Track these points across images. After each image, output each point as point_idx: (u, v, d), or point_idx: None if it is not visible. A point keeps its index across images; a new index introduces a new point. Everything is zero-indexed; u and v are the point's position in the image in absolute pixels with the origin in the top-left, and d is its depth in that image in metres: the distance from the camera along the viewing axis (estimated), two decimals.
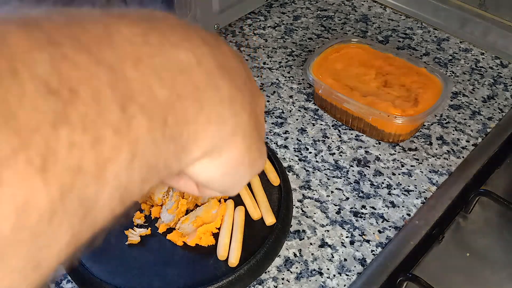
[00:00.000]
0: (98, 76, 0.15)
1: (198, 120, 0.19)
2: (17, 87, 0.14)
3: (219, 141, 0.21)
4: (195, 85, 0.19)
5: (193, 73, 0.19)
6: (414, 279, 0.45)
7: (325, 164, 0.57)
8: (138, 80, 0.17)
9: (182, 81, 0.18)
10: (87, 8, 0.18)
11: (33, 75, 0.14)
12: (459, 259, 0.50)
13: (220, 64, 0.20)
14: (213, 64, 0.20)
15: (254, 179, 0.52)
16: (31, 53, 0.14)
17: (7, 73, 0.13)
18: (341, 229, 0.50)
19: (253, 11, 0.82)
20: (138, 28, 0.18)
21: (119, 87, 0.16)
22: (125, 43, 0.17)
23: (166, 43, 0.18)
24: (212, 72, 0.20)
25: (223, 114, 0.20)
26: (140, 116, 0.16)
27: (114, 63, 0.16)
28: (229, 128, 0.21)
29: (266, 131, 0.61)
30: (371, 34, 0.77)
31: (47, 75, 0.14)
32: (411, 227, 0.50)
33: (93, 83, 0.15)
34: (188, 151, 0.19)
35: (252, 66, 0.71)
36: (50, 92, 0.14)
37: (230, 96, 0.21)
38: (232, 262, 0.45)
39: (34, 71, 0.14)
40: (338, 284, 0.46)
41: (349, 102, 0.57)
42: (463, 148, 0.59)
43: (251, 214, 0.49)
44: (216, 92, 0.20)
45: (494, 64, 0.71)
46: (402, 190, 0.54)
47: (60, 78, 0.14)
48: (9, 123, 0.13)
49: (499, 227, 0.54)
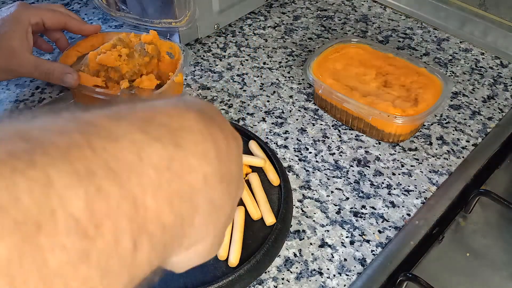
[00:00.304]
0: (122, 209, 0.17)
1: (189, 232, 0.22)
2: (51, 227, 0.15)
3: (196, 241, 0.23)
4: (196, 204, 0.21)
5: (198, 194, 0.21)
6: (414, 279, 0.45)
7: (325, 164, 0.57)
8: (153, 209, 0.19)
9: (186, 206, 0.21)
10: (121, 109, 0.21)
11: (67, 214, 0.15)
12: (459, 259, 0.50)
13: (222, 176, 0.23)
14: (217, 179, 0.22)
15: (254, 179, 0.52)
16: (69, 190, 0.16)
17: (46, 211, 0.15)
18: (341, 229, 0.50)
19: (253, 11, 0.82)
20: (165, 151, 0.20)
21: (137, 219, 0.18)
22: (151, 170, 0.19)
23: (185, 167, 0.20)
24: (213, 187, 0.22)
25: (208, 221, 0.23)
26: (146, 246, 0.18)
27: (138, 194, 0.18)
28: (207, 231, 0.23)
29: (266, 131, 0.61)
30: (371, 34, 0.77)
31: (80, 213, 0.16)
32: (411, 227, 0.50)
33: (116, 217, 0.17)
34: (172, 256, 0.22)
35: (252, 66, 0.71)
36: (78, 230, 0.16)
37: (220, 206, 0.23)
38: (232, 262, 0.45)
39: (69, 209, 0.16)
40: (338, 284, 0.46)
41: (349, 102, 0.57)
42: (463, 148, 0.59)
43: (251, 214, 0.49)
44: (210, 206, 0.22)
45: (494, 64, 0.71)
46: (402, 190, 0.54)
47: (91, 214, 0.16)
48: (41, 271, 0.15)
49: (499, 227, 0.54)
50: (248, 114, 0.63)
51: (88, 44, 0.64)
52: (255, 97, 0.66)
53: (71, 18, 0.62)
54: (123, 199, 0.17)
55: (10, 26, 0.55)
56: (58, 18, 0.61)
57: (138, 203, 0.18)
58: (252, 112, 0.63)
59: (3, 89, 0.67)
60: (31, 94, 0.66)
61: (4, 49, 0.55)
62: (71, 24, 0.62)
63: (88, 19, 0.80)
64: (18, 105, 0.64)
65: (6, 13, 0.56)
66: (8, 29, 0.55)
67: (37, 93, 0.66)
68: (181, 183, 0.20)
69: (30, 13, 0.57)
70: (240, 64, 0.71)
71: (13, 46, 0.55)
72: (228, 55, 0.73)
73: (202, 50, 0.74)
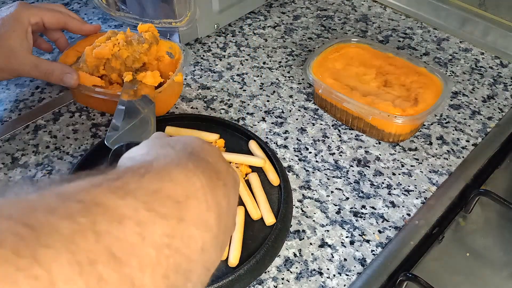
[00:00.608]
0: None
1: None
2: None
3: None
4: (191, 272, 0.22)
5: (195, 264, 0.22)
6: (414, 279, 0.45)
7: (325, 164, 0.57)
8: (150, 286, 0.19)
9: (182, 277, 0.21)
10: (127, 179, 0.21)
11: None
12: (459, 259, 0.50)
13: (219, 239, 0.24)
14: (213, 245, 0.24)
15: (254, 179, 0.52)
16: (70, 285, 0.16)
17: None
18: (341, 229, 0.50)
19: (253, 11, 0.82)
20: (168, 227, 0.21)
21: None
22: (151, 249, 0.20)
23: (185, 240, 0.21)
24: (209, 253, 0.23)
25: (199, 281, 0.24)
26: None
27: (136, 275, 0.19)
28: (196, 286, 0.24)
29: (266, 131, 0.61)
30: (371, 34, 0.77)
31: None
32: (411, 227, 0.50)
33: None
34: None
35: (252, 66, 0.71)
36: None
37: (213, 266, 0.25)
38: (232, 262, 0.45)
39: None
40: (338, 284, 0.45)
41: (349, 102, 0.57)
42: (463, 148, 0.59)
43: (251, 214, 0.49)
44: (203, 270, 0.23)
45: (494, 64, 0.71)
46: (402, 190, 0.54)
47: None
48: None
49: (499, 227, 0.54)
50: (248, 114, 0.63)
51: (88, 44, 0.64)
52: (255, 96, 0.66)
53: (71, 18, 0.62)
54: (122, 283, 0.18)
55: (10, 26, 0.55)
56: (58, 18, 0.61)
57: (136, 284, 0.19)
58: (252, 112, 0.63)
59: (3, 89, 0.67)
60: (31, 94, 0.66)
61: (4, 49, 0.55)
62: (71, 24, 0.62)
63: (88, 19, 0.79)
64: (18, 104, 0.64)
65: (6, 13, 0.56)
66: (8, 28, 0.55)
67: (37, 93, 0.66)
68: (179, 257, 0.21)
69: (30, 13, 0.57)
70: (240, 64, 0.71)
71: (13, 46, 0.55)
72: (228, 55, 0.73)
73: (202, 50, 0.74)
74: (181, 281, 0.22)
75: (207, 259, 0.23)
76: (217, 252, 0.25)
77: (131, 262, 0.19)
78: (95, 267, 0.17)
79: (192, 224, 0.22)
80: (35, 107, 0.64)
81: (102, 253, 0.18)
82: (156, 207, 0.21)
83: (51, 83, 0.66)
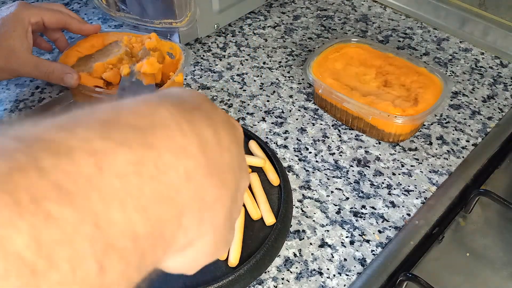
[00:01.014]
0: (80, 232, 0.15)
1: (178, 234, 0.20)
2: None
3: (192, 240, 0.21)
4: (179, 205, 0.19)
5: (180, 193, 0.19)
6: (414, 279, 0.45)
7: (325, 164, 0.57)
8: (121, 222, 0.17)
9: (167, 208, 0.19)
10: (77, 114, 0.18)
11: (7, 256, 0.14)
12: (459, 259, 0.50)
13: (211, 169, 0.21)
14: (203, 173, 0.20)
15: (254, 179, 0.52)
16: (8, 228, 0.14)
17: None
18: (341, 229, 0.50)
19: (253, 11, 0.82)
20: (133, 155, 0.18)
21: (101, 239, 0.16)
22: (115, 180, 0.17)
23: (160, 167, 0.18)
24: (199, 182, 0.20)
25: (201, 218, 0.21)
26: (116, 263, 0.16)
27: (99, 211, 0.16)
28: (204, 228, 0.22)
29: (266, 131, 0.61)
30: (371, 34, 0.77)
31: (24, 249, 0.14)
32: (411, 227, 0.50)
33: (73, 243, 0.15)
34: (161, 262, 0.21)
35: (252, 66, 0.71)
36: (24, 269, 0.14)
37: (214, 200, 0.21)
38: (232, 262, 0.45)
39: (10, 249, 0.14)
40: (338, 284, 0.45)
41: (349, 102, 0.57)
42: (463, 148, 0.59)
43: (251, 214, 0.49)
44: (201, 203, 0.21)
45: (494, 64, 0.71)
46: (402, 190, 0.54)
47: (38, 247, 0.14)
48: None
49: (499, 227, 0.54)
50: (248, 114, 0.63)
51: (88, 44, 0.64)
52: (255, 96, 0.66)
53: (71, 18, 0.62)
54: (80, 221, 0.15)
55: (10, 26, 0.55)
56: (58, 18, 0.61)
57: (101, 221, 0.16)
58: (252, 112, 0.63)
59: (3, 89, 0.67)
60: (31, 94, 0.66)
61: (4, 49, 0.55)
62: (71, 23, 0.62)
63: (88, 19, 0.79)
64: (18, 104, 0.64)
65: (6, 13, 0.56)
66: (8, 28, 0.55)
67: (37, 92, 0.66)
68: (157, 186, 0.18)
69: (30, 13, 0.57)
70: (240, 64, 0.71)
71: (13, 46, 0.55)
72: (228, 55, 0.73)
73: (202, 50, 0.74)
74: (168, 212, 0.19)
75: (199, 190, 0.20)
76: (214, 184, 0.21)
77: (89, 195, 0.16)
78: (40, 205, 0.15)
79: (166, 151, 0.19)
80: (35, 107, 0.64)
81: (48, 189, 0.15)
82: (114, 135, 0.18)
83: (51, 83, 0.66)
